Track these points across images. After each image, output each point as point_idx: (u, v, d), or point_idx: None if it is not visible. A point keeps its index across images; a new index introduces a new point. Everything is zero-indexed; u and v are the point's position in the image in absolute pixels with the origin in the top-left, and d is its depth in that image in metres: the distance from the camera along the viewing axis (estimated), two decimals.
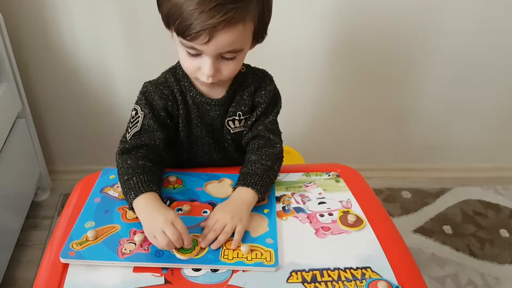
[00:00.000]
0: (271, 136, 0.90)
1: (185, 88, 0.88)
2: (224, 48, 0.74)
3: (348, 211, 0.83)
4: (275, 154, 0.88)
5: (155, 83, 0.88)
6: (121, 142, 0.86)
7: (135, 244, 0.73)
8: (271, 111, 0.91)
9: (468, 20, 1.55)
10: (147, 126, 0.85)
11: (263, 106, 0.89)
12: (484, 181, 1.86)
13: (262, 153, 0.87)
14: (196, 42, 0.73)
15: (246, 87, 0.89)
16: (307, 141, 1.75)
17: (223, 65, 0.78)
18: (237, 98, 0.89)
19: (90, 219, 0.78)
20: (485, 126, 1.82)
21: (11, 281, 1.37)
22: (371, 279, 0.68)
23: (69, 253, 0.70)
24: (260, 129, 0.90)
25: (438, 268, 1.47)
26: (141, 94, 0.87)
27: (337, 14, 1.51)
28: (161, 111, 0.86)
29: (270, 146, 0.89)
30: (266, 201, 0.84)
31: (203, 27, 0.70)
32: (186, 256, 0.70)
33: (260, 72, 0.92)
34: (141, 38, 1.50)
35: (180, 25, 0.72)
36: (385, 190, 1.80)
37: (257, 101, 0.90)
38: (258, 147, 0.89)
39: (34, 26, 1.46)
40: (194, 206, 0.81)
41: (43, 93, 1.62)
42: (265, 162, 0.85)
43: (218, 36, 0.71)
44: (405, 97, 1.72)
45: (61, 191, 1.74)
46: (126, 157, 0.83)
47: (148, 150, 0.84)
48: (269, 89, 0.90)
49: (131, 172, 0.79)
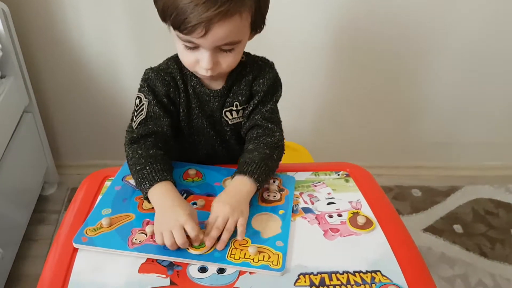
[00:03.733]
0: (269, 125, 0.87)
1: (186, 77, 0.87)
2: (222, 40, 0.73)
3: (358, 212, 0.81)
4: (273, 143, 0.85)
5: (157, 70, 0.87)
6: (128, 132, 0.85)
7: (146, 234, 0.73)
8: (269, 100, 0.88)
9: (481, 17, 1.52)
10: (152, 113, 0.84)
11: (261, 95, 0.87)
12: (495, 180, 1.83)
13: (260, 142, 0.85)
14: (193, 36, 0.72)
15: (244, 76, 0.87)
16: (315, 138, 1.73)
17: (222, 58, 0.78)
18: (234, 89, 0.88)
19: (107, 206, 0.79)
20: (496, 124, 1.79)
21: (17, 275, 1.37)
22: (381, 283, 0.66)
23: (82, 239, 0.71)
24: (258, 118, 0.87)
25: (447, 268, 1.45)
26: (143, 81, 0.87)
27: (349, 8, 1.48)
28: (164, 97, 0.85)
29: (268, 135, 0.86)
30: (283, 201, 0.82)
31: (199, 20, 0.69)
32: (197, 251, 0.69)
33: (259, 60, 0.90)
34: (148, 32, 1.49)
35: (175, 19, 0.71)
36: (395, 188, 1.77)
37: (255, 89, 0.88)
38: (257, 136, 0.87)
39: (41, 20, 1.46)
40: (209, 201, 0.80)
41: (50, 88, 1.62)
42: (262, 150, 0.83)
43: (215, 29, 0.70)
44: (416, 94, 1.69)
45: (68, 185, 1.74)
46: (135, 146, 0.82)
47: (156, 138, 0.83)
48: (268, 77, 0.87)
49: (143, 162, 0.78)
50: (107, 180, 0.87)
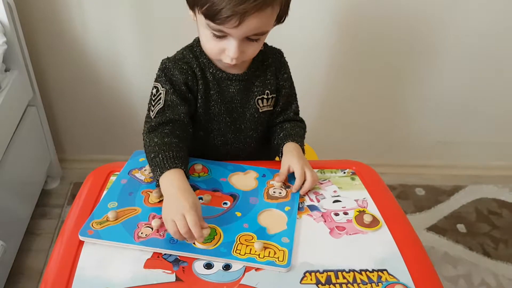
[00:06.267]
0: (298, 118, 1.00)
1: (203, 65, 0.88)
2: (252, 31, 0.75)
3: (364, 210, 0.80)
4: (303, 129, 0.99)
5: (174, 59, 0.88)
6: (146, 122, 0.86)
7: (152, 228, 0.73)
8: (295, 96, 0.99)
9: (487, 16, 1.51)
10: (170, 102, 0.85)
11: (288, 91, 0.95)
12: (499, 179, 1.83)
13: (295, 124, 0.97)
14: (226, 26, 0.73)
15: (268, 66, 0.92)
16: (320, 136, 1.71)
17: (247, 47, 0.79)
18: (261, 78, 0.91)
19: (113, 199, 0.79)
20: (501, 124, 1.78)
21: (20, 269, 1.37)
22: (388, 282, 0.66)
23: (88, 232, 0.71)
24: (290, 115, 0.98)
25: (450, 268, 1.44)
26: (160, 71, 0.88)
27: (351, 7, 1.47)
28: (182, 85, 0.86)
29: (299, 126, 0.98)
30: (289, 198, 0.82)
31: (234, 12, 0.70)
32: (203, 245, 0.69)
33: (277, 52, 0.95)
34: (152, 25, 1.48)
35: (209, 9, 0.72)
36: (398, 187, 1.77)
37: (282, 84, 0.94)
38: (290, 126, 0.96)
39: (46, 14, 1.45)
40: (215, 197, 0.80)
41: (54, 81, 1.61)
42: (299, 129, 0.96)
43: (248, 21, 0.72)
44: (420, 92, 1.69)
45: (71, 180, 1.74)
46: (152, 135, 0.82)
47: (174, 126, 0.84)
48: (288, 71, 0.96)
49: (157, 150, 0.78)
50: (112, 175, 0.87)
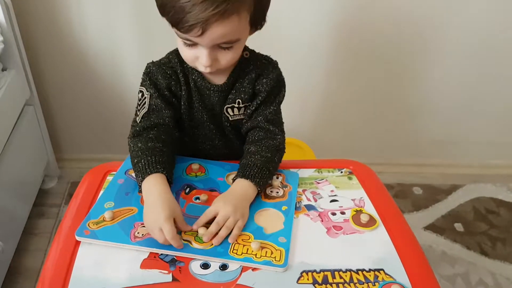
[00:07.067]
0: (271, 127, 0.87)
1: (187, 71, 0.87)
2: (219, 39, 0.73)
3: (361, 210, 0.80)
4: (275, 146, 0.86)
5: (158, 64, 0.87)
6: (132, 126, 0.86)
7: None
8: (272, 101, 0.88)
9: (486, 14, 1.51)
10: (154, 106, 0.84)
11: (264, 95, 0.86)
12: (497, 178, 1.83)
13: (262, 145, 0.85)
14: (190, 35, 0.72)
15: (248, 73, 0.87)
16: (317, 135, 1.72)
17: (220, 55, 0.77)
18: (237, 85, 0.87)
19: (110, 199, 0.79)
20: (499, 123, 1.78)
21: (17, 269, 1.36)
22: (384, 281, 0.66)
23: (85, 232, 0.71)
24: (260, 120, 0.87)
25: (448, 267, 1.45)
26: (145, 75, 0.87)
27: (351, 7, 1.47)
28: (165, 90, 0.86)
29: (270, 137, 0.86)
30: (286, 197, 0.82)
31: (196, 21, 0.68)
32: (200, 245, 0.69)
33: (263, 59, 0.89)
34: (151, 25, 1.48)
35: (173, 17, 0.71)
36: (396, 186, 1.77)
37: (258, 89, 0.87)
38: (258, 139, 0.87)
39: (43, 13, 1.45)
40: (212, 196, 0.80)
41: (52, 81, 1.61)
42: (264, 154, 0.83)
43: (212, 29, 0.70)
44: (418, 91, 1.68)
45: (68, 179, 1.74)
46: (137, 140, 0.82)
47: (159, 130, 0.83)
48: (271, 77, 0.86)
49: (140, 155, 0.78)
50: (109, 175, 0.87)
